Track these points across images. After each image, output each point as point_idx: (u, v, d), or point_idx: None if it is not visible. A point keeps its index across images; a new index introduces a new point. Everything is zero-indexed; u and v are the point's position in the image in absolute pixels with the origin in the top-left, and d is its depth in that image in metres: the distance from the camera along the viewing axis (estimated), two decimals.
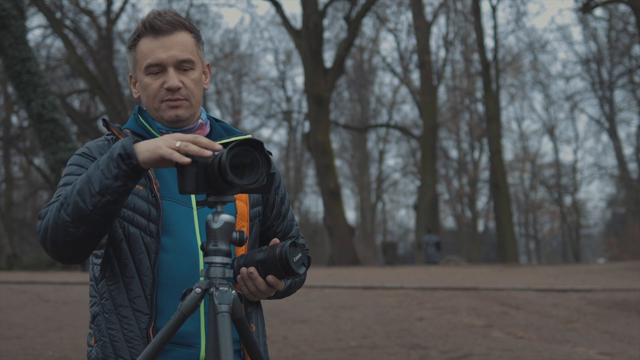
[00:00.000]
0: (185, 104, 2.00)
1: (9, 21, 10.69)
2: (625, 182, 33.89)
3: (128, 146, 1.76)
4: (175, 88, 1.97)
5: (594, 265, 20.99)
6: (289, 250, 1.89)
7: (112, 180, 1.75)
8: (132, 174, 1.76)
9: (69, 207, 1.79)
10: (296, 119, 36.93)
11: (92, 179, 1.77)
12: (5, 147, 28.37)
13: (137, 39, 2.01)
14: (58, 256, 1.86)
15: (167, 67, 1.97)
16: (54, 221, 1.81)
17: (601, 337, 8.04)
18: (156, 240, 1.93)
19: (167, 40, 1.97)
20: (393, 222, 50.15)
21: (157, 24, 1.97)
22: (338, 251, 21.86)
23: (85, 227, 1.79)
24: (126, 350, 1.90)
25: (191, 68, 2.00)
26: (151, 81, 1.99)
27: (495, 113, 26.67)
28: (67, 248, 1.83)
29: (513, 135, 39.10)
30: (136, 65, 2.02)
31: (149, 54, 1.98)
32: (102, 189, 1.76)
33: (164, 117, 2.01)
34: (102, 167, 1.77)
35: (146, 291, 1.92)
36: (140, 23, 2.00)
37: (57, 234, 1.81)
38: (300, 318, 8.48)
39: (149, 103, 2.02)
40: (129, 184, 1.78)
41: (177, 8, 27.18)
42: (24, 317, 7.95)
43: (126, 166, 1.75)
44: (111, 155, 1.77)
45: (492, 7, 28.72)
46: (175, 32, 1.99)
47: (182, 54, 1.98)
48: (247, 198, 2.06)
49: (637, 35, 24.31)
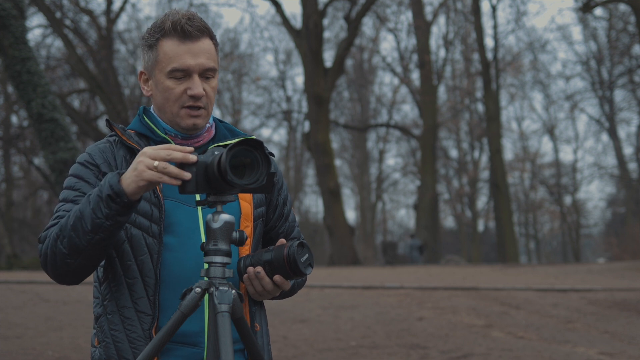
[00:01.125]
0: (204, 113, 2.00)
1: (9, 21, 10.69)
2: (625, 182, 33.89)
3: (115, 185, 1.75)
4: (200, 96, 1.96)
5: (594, 265, 20.99)
6: (297, 250, 1.89)
7: (103, 220, 1.76)
8: (123, 211, 1.77)
9: (64, 240, 1.81)
10: (296, 118, 36.94)
11: (84, 216, 1.78)
12: (5, 147, 28.35)
13: (159, 38, 1.97)
14: (59, 281, 1.92)
15: (193, 74, 1.96)
16: (52, 251, 1.84)
17: (601, 337, 8.04)
18: (159, 241, 1.93)
19: (194, 46, 1.95)
20: (393, 222, 50.19)
21: (188, 28, 1.94)
22: (338, 251, 21.85)
23: (82, 259, 1.83)
24: (129, 351, 1.90)
25: (213, 76, 2.01)
26: (174, 85, 1.96)
27: (495, 113, 26.67)
28: (67, 275, 1.88)
29: (513, 135, 39.12)
30: (157, 65, 1.98)
31: (175, 57, 1.95)
32: (94, 228, 1.77)
33: (180, 123, 1.99)
34: (92, 206, 1.77)
35: (149, 292, 1.92)
36: (169, 23, 1.96)
37: (56, 262, 1.85)
38: (300, 318, 8.48)
39: (166, 106, 2.00)
40: (121, 221, 1.79)
41: (177, 8, 27.15)
42: (24, 317, 7.95)
43: (117, 205, 1.76)
44: (100, 194, 1.77)
45: (492, 6, 28.74)
46: (202, 38, 1.97)
47: (208, 62, 1.97)
48: (251, 198, 2.06)
49: (637, 35, 24.31)
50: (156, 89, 2.01)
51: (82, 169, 1.97)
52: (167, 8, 27.58)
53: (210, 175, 1.78)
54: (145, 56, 2.02)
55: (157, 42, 1.97)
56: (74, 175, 1.97)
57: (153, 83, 2.02)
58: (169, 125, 2.02)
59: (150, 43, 1.99)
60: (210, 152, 1.81)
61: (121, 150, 2.00)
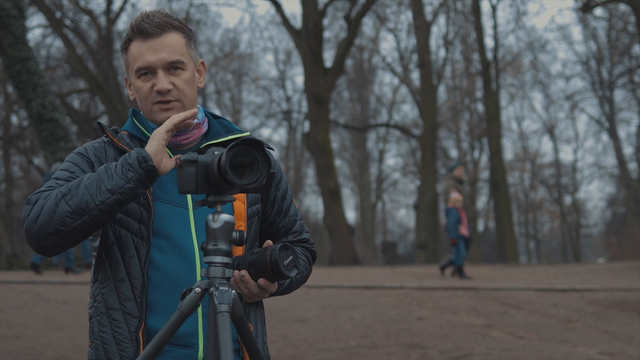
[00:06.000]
0: (177, 105, 2.00)
1: (8, 21, 10.69)
2: (625, 182, 33.86)
3: (142, 151, 1.83)
4: (165, 90, 1.98)
5: (594, 265, 20.99)
6: (279, 253, 1.87)
7: (126, 182, 1.80)
8: (146, 179, 1.81)
9: (72, 198, 1.80)
10: (296, 118, 36.91)
11: (104, 177, 1.81)
12: (5, 147, 28.34)
13: (127, 42, 2.03)
14: (40, 242, 1.83)
15: (157, 70, 1.98)
16: (50, 208, 1.81)
17: (601, 337, 8.03)
18: (147, 243, 1.93)
19: (155, 42, 1.98)
20: (393, 222, 50.19)
21: (145, 26, 1.98)
22: (338, 251, 21.84)
23: (83, 220, 1.80)
24: (116, 353, 1.90)
25: (181, 69, 2.01)
26: (142, 84, 2.00)
27: (495, 113, 26.64)
28: (54, 236, 1.81)
29: (513, 135, 39.07)
30: (128, 68, 2.04)
31: (138, 57, 1.99)
32: (113, 188, 1.79)
33: (156, 119, 2.02)
34: (116, 169, 1.82)
35: (136, 294, 1.92)
36: (130, 26, 2.02)
37: (51, 220, 1.81)
38: (299, 318, 8.48)
39: (142, 105, 2.05)
40: (140, 189, 1.82)
41: (177, 8, 27.16)
42: (24, 317, 7.94)
43: (142, 169, 1.80)
44: (125, 160, 1.83)
45: (492, 6, 28.70)
46: (164, 33, 1.99)
47: (170, 56, 1.99)
48: (245, 197, 2.06)
49: (637, 34, 24.31)
50: (134, 91, 2.06)
51: (78, 157, 2.00)
52: (167, 8, 27.57)
53: (210, 175, 1.78)
54: (122, 62, 2.08)
55: (127, 46, 2.03)
56: (70, 161, 2.00)
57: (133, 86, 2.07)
58: (154, 124, 2.05)
59: (122, 48, 2.06)
60: (210, 152, 1.81)
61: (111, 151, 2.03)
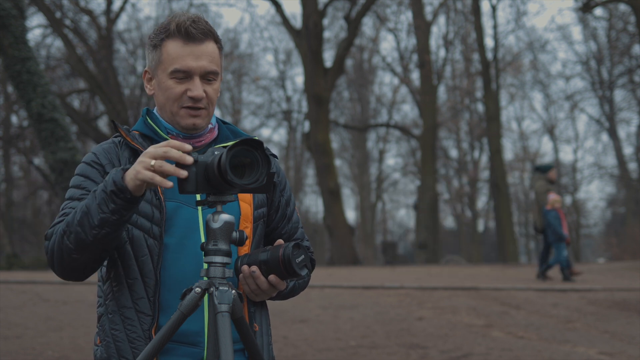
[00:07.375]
0: (204, 113, 2.02)
1: (8, 21, 10.68)
2: (625, 182, 33.85)
3: (118, 181, 1.77)
4: (200, 98, 1.98)
5: (594, 265, 20.99)
6: (292, 251, 1.90)
7: (109, 214, 1.78)
8: (128, 206, 1.79)
9: (71, 235, 1.83)
10: (296, 118, 36.91)
11: (91, 211, 1.80)
12: (5, 147, 28.34)
13: (164, 39, 2.00)
14: (66, 277, 1.93)
15: (194, 76, 1.98)
16: (58, 247, 1.86)
17: (601, 337, 8.03)
18: (159, 242, 1.94)
19: (197, 49, 1.98)
20: (393, 222, 50.19)
21: (192, 31, 1.97)
22: (338, 251, 21.83)
23: (88, 254, 1.84)
24: (129, 351, 1.92)
25: (214, 79, 2.02)
26: (175, 85, 1.99)
27: (495, 113, 26.64)
28: (73, 271, 1.90)
29: (513, 135, 39.07)
30: (159, 65, 2.01)
31: (177, 58, 1.98)
32: (100, 223, 1.79)
33: (180, 122, 2.02)
34: (98, 201, 1.80)
35: (149, 293, 1.93)
36: (174, 24, 1.99)
37: (63, 259, 1.86)
38: (300, 318, 8.48)
39: (166, 105, 2.03)
40: (126, 215, 1.80)
41: (177, 7, 27.15)
42: (24, 317, 7.95)
43: (121, 200, 1.77)
44: (105, 189, 1.79)
45: (492, 6, 28.70)
46: (206, 41, 1.99)
47: (210, 65, 1.99)
48: (251, 199, 2.07)
49: (637, 34, 24.30)
50: (158, 88, 2.04)
51: (88, 168, 2.00)
52: (167, 8, 27.59)
53: (210, 175, 1.78)
54: (149, 56, 2.05)
55: (162, 42, 2.00)
56: (80, 174, 1.99)
57: (156, 82, 2.05)
58: (170, 124, 2.04)
59: (155, 43, 2.02)
60: (210, 152, 1.81)
61: (126, 152, 2.03)
